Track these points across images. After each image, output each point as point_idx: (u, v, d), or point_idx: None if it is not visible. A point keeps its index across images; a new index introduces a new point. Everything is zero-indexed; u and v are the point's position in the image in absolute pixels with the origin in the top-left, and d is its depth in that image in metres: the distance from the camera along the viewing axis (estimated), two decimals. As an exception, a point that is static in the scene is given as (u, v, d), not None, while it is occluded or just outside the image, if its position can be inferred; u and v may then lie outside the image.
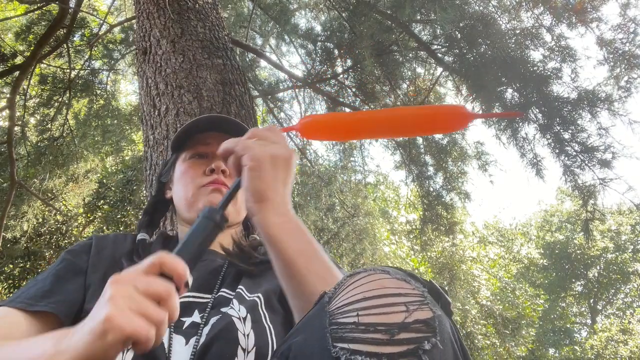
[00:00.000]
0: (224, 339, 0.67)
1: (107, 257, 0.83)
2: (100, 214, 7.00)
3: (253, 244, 0.92)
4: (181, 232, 0.94)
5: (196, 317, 0.72)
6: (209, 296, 0.77)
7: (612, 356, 13.35)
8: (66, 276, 0.77)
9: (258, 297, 0.76)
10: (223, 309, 0.73)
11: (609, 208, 14.54)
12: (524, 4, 3.45)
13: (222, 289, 0.79)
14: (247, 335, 0.68)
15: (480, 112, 3.62)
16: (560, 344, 15.37)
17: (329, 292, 0.48)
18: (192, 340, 0.67)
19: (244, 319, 0.70)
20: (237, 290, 0.78)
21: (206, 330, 0.69)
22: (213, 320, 0.70)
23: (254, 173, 0.63)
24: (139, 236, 0.91)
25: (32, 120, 5.29)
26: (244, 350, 0.66)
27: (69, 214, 6.95)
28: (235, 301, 0.74)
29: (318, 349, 0.42)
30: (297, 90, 4.77)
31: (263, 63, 5.09)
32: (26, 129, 5.04)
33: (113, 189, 6.96)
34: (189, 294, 0.76)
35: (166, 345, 0.66)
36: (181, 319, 0.71)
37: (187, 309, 0.73)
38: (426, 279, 0.48)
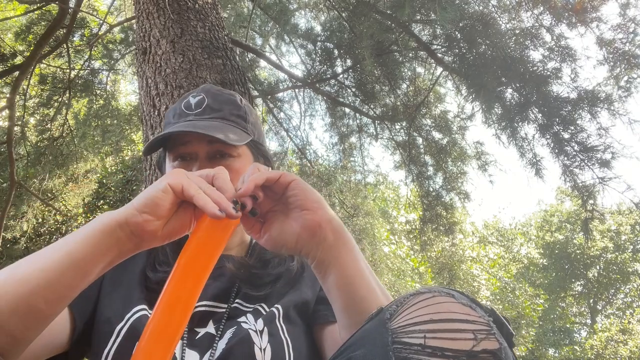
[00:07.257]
0: (239, 353, 0.65)
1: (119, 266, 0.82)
2: (100, 214, 6.99)
3: (264, 257, 0.84)
4: None
5: (210, 328, 0.70)
6: (225, 306, 0.74)
7: (612, 356, 13.35)
8: None
9: (277, 308, 0.74)
10: (239, 320, 0.71)
11: (609, 208, 14.53)
12: (524, 4, 3.45)
13: (237, 300, 0.76)
14: (264, 349, 0.67)
15: (481, 111, 3.63)
16: (560, 344, 15.37)
17: (389, 309, 0.47)
18: (207, 355, 0.66)
19: (261, 331, 0.69)
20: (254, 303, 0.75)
21: (222, 344, 0.67)
22: (228, 333, 0.68)
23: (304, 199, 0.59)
24: None
25: (32, 120, 5.29)
26: None
27: (68, 214, 6.95)
28: (249, 315, 0.72)
29: None
30: (297, 90, 4.77)
31: (263, 63, 5.08)
32: (26, 129, 5.04)
33: (113, 189, 6.96)
34: (204, 303, 0.73)
35: None
36: (195, 329, 0.70)
37: (202, 319, 0.71)
38: (488, 307, 0.47)
